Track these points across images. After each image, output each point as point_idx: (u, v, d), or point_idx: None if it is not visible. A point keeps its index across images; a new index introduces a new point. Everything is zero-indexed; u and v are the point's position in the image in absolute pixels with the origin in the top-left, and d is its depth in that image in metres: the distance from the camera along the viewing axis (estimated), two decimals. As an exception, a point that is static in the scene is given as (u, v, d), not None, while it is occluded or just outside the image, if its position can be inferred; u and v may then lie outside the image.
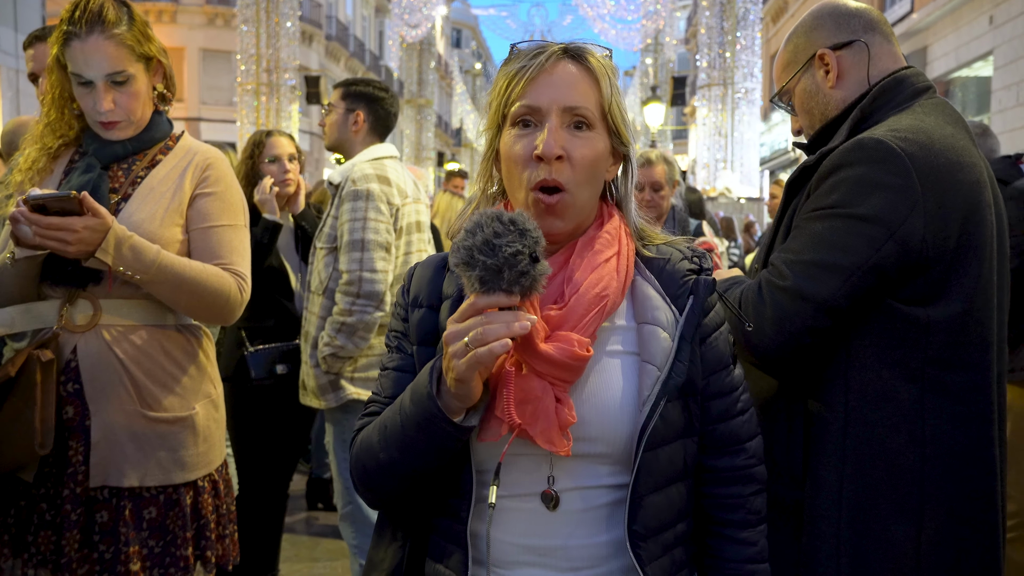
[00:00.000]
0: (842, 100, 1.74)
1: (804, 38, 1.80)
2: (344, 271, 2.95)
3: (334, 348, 2.94)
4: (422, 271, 1.33)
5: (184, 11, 24.77)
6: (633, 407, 1.18)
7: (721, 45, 14.10)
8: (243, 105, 14.89)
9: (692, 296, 1.24)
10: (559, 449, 1.11)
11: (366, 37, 34.24)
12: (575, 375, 1.14)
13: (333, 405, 3.05)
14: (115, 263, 1.83)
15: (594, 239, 1.24)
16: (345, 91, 3.23)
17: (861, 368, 1.55)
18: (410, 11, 23.72)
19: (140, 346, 1.94)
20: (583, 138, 1.21)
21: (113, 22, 1.92)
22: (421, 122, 28.51)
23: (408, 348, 1.30)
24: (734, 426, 1.30)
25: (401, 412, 1.17)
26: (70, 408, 1.90)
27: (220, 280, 1.99)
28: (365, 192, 2.98)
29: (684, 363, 1.20)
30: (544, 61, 1.21)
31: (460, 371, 1.05)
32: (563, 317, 1.16)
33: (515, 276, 1.03)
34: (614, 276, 1.21)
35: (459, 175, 8.06)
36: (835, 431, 1.56)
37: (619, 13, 21.72)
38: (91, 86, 1.93)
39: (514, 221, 1.04)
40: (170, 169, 2.03)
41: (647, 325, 1.22)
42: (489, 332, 1.03)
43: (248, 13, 14.66)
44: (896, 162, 1.50)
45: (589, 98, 1.22)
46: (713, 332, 1.29)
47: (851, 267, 1.51)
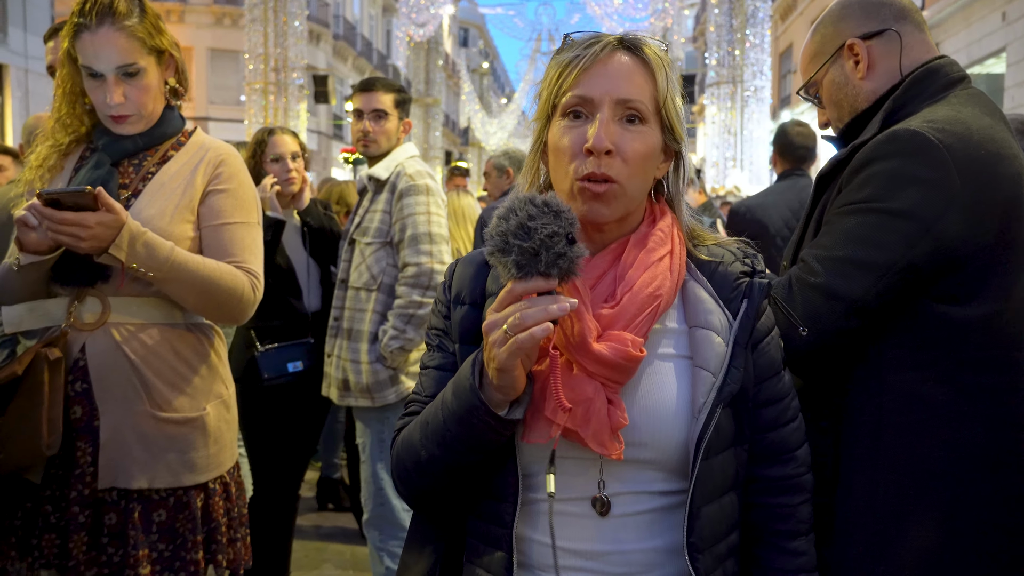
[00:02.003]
0: (873, 91, 1.68)
1: (832, 28, 1.74)
2: (411, 264, 2.96)
3: (403, 340, 2.95)
4: (463, 268, 1.30)
5: (192, 10, 24.80)
6: (687, 414, 1.14)
7: (730, 43, 14.03)
8: (251, 104, 14.88)
9: (746, 300, 1.20)
10: (611, 452, 1.08)
11: (373, 36, 34.25)
12: (627, 376, 1.11)
13: (392, 401, 3.03)
14: (128, 259, 1.79)
15: (647, 236, 1.20)
16: (398, 98, 3.27)
17: (893, 369, 1.50)
18: (417, 10, 23.71)
19: (150, 345, 1.90)
20: (635, 132, 1.16)
21: (124, 14, 1.88)
22: (429, 121, 28.48)
23: (449, 346, 1.27)
24: (784, 434, 1.26)
25: (443, 407, 1.13)
26: (78, 408, 1.87)
27: (233, 278, 1.95)
28: (425, 187, 3.03)
29: (739, 370, 1.16)
30: (599, 51, 1.17)
31: (501, 360, 1.02)
32: (615, 316, 1.12)
33: (552, 258, 1.00)
34: (667, 275, 1.17)
35: (460, 173, 7.97)
36: (867, 435, 1.51)
37: (627, 11, 21.67)
38: (101, 79, 1.89)
39: (547, 203, 1.02)
40: (182, 165, 1.99)
41: (700, 329, 1.18)
42: (528, 316, 1.00)
43: (256, 12, 14.65)
44: (933, 154, 1.45)
45: (644, 91, 1.17)
46: (765, 337, 1.24)
47: (884, 265, 1.46)
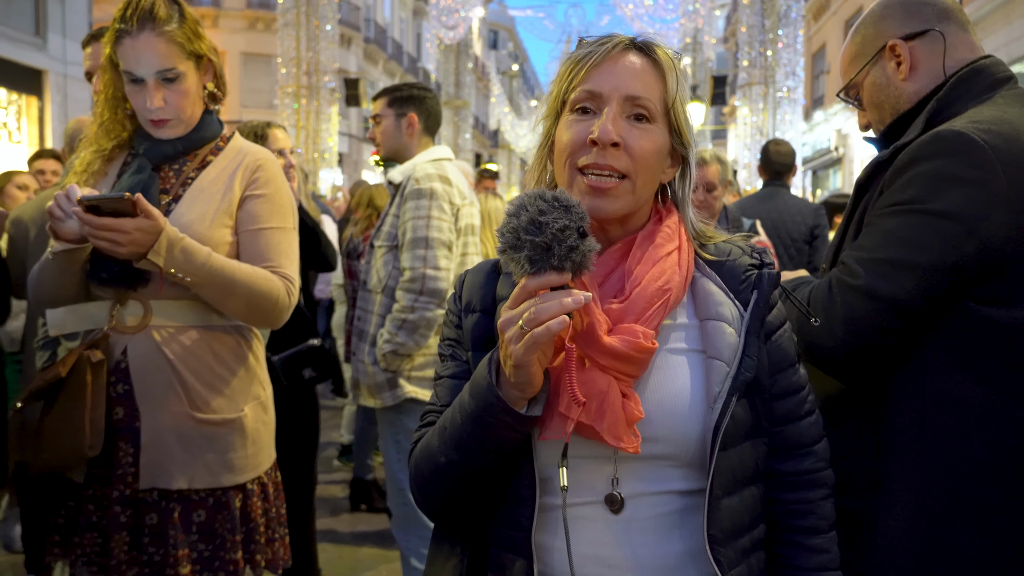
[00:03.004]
0: (915, 93, 1.66)
1: (873, 29, 1.72)
2: (407, 268, 2.95)
3: (395, 345, 2.95)
4: (473, 277, 1.30)
5: (225, 16, 25.14)
6: (702, 406, 1.14)
7: (762, 43, 13.88)
8: (283, 108, 15.03)
9: (756, 290, 1.20)
10: (627, 446, 1.07)
11: (404, 39, 34.44)
12: (640, 369, 1.10)
13: (390, 403, 3.04)
14: (166, 265, 1.81)
15: (654, 233, 1.20)
16: (391, 98, 3.23)
17: (935, 372, 1.48)
18: (447, 13, 23.80)
19: (189, 347, 1.92)
20: (642, 129, 1.17)
21: (164, 19, 1.90)
22: (458, 124, 28.56)
23: (462, 355, 1.27)
24: (801, 428, 1.25)
25: (461, 410, 1.13)
26: (120, 409, 1.89)
27: (269, 283, 1.96)
28: (428, 191, 2.98)
29: (752, 358, 1.15)
30: (610, 49, 1.18)
31: (518, 356, 1.02)
32: (625, 310, 1.12)
33: (565, 252, 1.00)
34: (676, 270, 1.17)
35: (490, 176, 7.98)
36: (909, 439, 1.49)
37: (657, 12, 21.53)
38: (142, 84, 1.92)
39: (557, 198, 1.02)
40: (220, 170, 2.02)
41: (711, 321, 1.17)
42: (543, 310, 1.00)
43: (288, 17, 14.80)
44: (978, 155, 1.42)
45: (653, 90, 1.18)
46: (777, 329, 1.24)
47: (927, 266, 1.43)
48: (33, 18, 14.09)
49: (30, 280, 1.96)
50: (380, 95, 3.30)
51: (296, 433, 3.43)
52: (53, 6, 14.34)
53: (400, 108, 3.20)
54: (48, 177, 4.99)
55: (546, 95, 1.28)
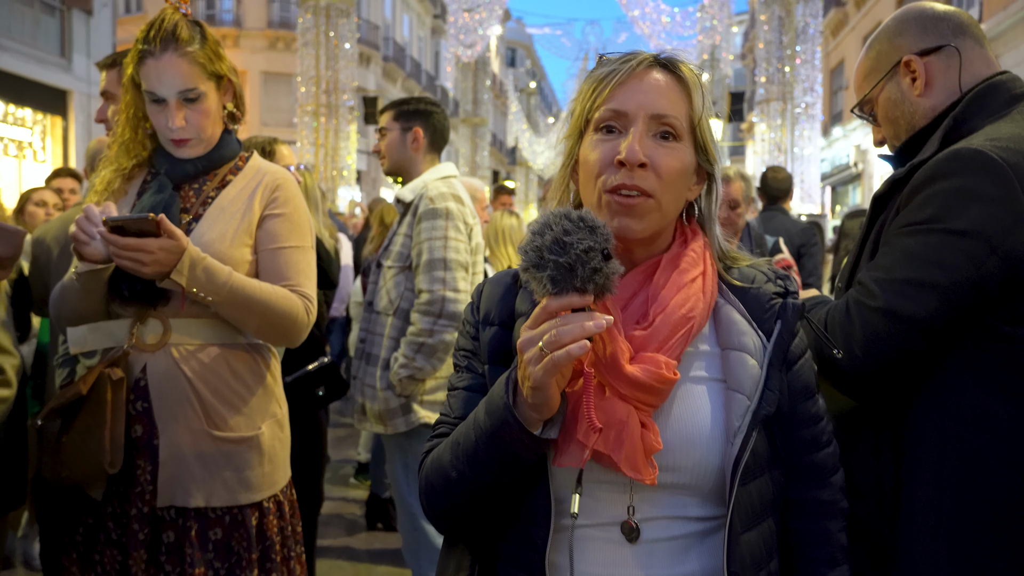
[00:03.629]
0: (931, 109, 1.64)
1: (888, 44, 1.71)
2: (425, 290, 2.87)
3: (412, 369, 2.87)
4: (491, 288, 1.29)
5: (246, 35, 25.44)
6: (722, 437, 1.12)
7: (780, 59, 13.87)
8: (302, 126, 15.18)
9: (780, 321, 1.18)
10: (644, 477, 1.06)
11: (422, 57, 34.71)
12: (660, 399, 1.09)
13: (402, 430, 2.97)
14: (189, 284, 1.83)
15: (679, 257, 1.18)
16: (397, 112, 3.18)
17: (956, 390, 1.46)
18: (465, 31, 23.98)
19: (208, 365, 1.94)
20: (669, 148, 1.15)
21: (186, 40, 1.93)
22: (476, 141, 28.70)
23: (478, 367, 1.25)
24: (820, 458, 1.23)
25: (475, 427, 1.12)
26: (138, 426, 1.91)
27: (289, 302, 1.98)
28: (444, 211, 2.91)
29: (774, 391, 1.14)
30: (635, 66, 1.17)
31: (537, 378, 1.00)
32: (648, 338, 1.10)
33: (588, 273, 0.99)
34: (700, 297, 1.15)
35: (506, 192, 7.99)
36: (931, 459, 1.47)
37: (675, 30, 21.61)
38: (163, 104, 1.95)
39: (583, 218, 1.01)
40: (240, 190, 2.04)
41: (733, 351, 1.16)
42: (564, 333, 0.98)
43: (308, 36, 14.98)
44: (997, 172, 1.41)
45: (679, 108, 1.16)
46: (799, 358, 1.22)
47: (948, 284, 1.42)
48: (59, 39, 14.36)
49: (52, 299, 1.99)
50: (387, 108, 3.25)
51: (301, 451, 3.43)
52: (78, 27, 14.60)
53: (406, 122, 3.16)
54: (66, 196, 5.05)
55: (565, 113, 1.27)
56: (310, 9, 14.83)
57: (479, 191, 4.74)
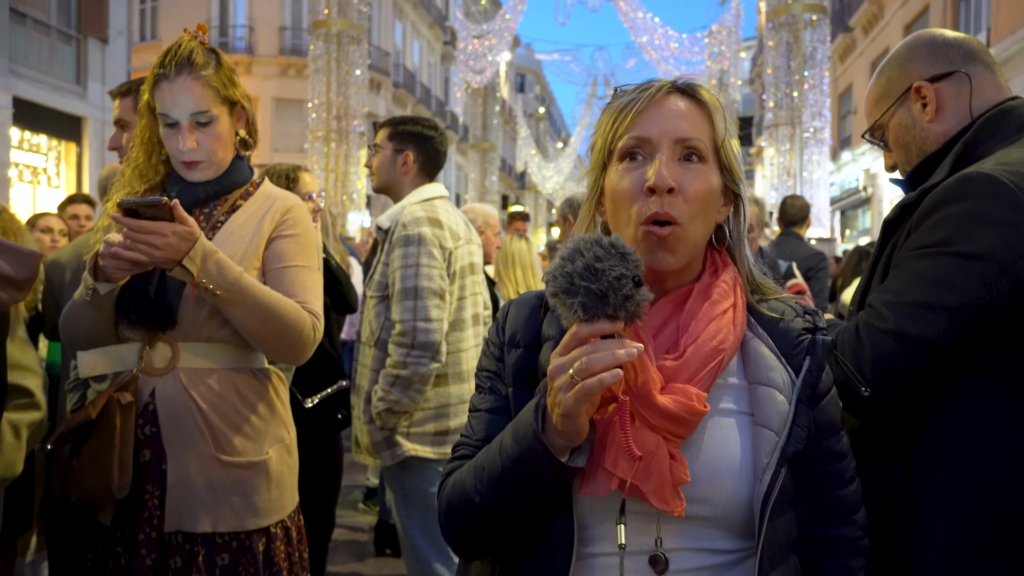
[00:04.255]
0: (942, 134, 1.65)
1: (898, 70, 1.71)
2: (397, 321, 2.79)
3: (389, 402, 2.80)
4: (517, 310, 1.28)
5: (259, 62, 25.73)
6: (750, 472, 1.11)
7: (788, 84, 13.90)
8: (313, 151, 15.28)
9: (809, 357, 1.17)
10: (672, 509, 1.05)
11: (432, 83, 35.01)
12: (689, 431, 1.08)
13: (390, 463, 2.91)
14: (199, 275, 1.82)
15: (711, 287, 1.18)
16: (392, 131, 3.09)
17: (969, 414, 1.45)
18: (475, 58, 24.19)
19: (216, 389, 1.94)
20: (695, 171, 1.15)
21: (201, 65, 1.96)
22: (485, 166, 28.86)
23: (502, 389, 1.24)
24: (844, 495, 1.22)
25: (501, 452, 1.11)
26: (147, 451, 1.91)
27: (297, 313, 1.97)
28: (416, 237, 2.82)
29: (803, 428, 1.13)
30: (654, 93, 1.18)
31: (567, 405, 0.99)
32: (679, 369, 1.10)
33: (620, 300, 0.99)
34: (731, 329, 1.14)
35: (521, 218, 8.01)
36: (942, 482, 1.46)
37: (683, 55, 21.73)
38: (176, 127, 1.97)
39: (614, 245, 1.01)
40: (250, 215, 2.05)
41: (762, 386, 1.15)
42: (596, 361, 0.97)
43: (319, 63, 15.11)
44: (1008, 197, 1.41)
45: (702, 130, 1.17)
46: (826, 395, 1.21)
47: (959, 307, 1.41)
48: (74, 67, 14.56)
49: (63, 319, 1.99)
50: (384, 124, 3.17)
51: (318, 476, 3.41)
52: (94, 55, 14.80)
53: (399, 143, 3.07)
54: (82, 222, 5.08)
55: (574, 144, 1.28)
56: (322, 36, 14.98)
57: (491, 217, 4.75)
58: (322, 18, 14.98)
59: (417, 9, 31.89)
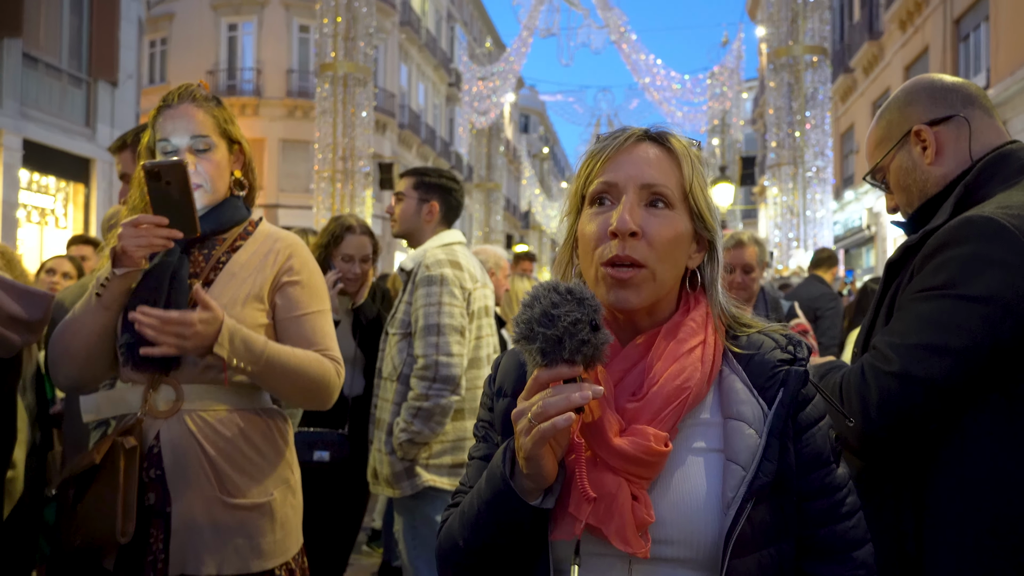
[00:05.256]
0: (942, 177, 1.67)
1: (898, 114, 1.74)
2: (420, 356, 2.94)
3: (411, 433, 2.92)
4: (507, 361, 1.31)
5: (266, 104, 26.05)
6: (717, 509, 1.10)
7: (790, 124, 14.00)
8: (319, 192, 15.40)
9: (782, 388, 1.15)
10: (636, 550, 1.05)
11: (437, 124, 35.38)
12: (653, 471, 1.08)
13: (408, 493, 3.00)
14: (230, 356, 1.85)
15: (678, 326, 1.18)
16: (419, 181, 3.27)
17: (977, 455, 1.45)
18: (479, 99, 24.48)
19: (220, 431, 1.93)
20: (661, 216, 1.17)
21: (202, 98, 2.03)
22: (490, 205, 29.03)
23: (494, 438, 1.27)
24: (839, 531, 1.18)
25: (478, 496, 1.14)
26: (152, 494, 1.90)
27: (321, 366, 2.00)
28: (439, 277, 3.00)
29: (773, 462, 1.11)
30: (623, 141, 1.21)
31: (527, 448, 1.02)
32: (640, 410, 1.11)
33: (576, 345, 1.01)
34: (698, 367, 1.14)
35: (527, 258, 8.04)
36: (952, 522, 1.45)
37: (685, 96, 21.95)
38: (175, 154, 1.99)
39: (571, 291, 1.03)
40: (251, 255, 2.06)
41: (732, 420, 1.14)
42: (550, 405, 1.00)
43: (326, 105, 15.31)
44: (1009, 240, 1.42)
45: (669, 177, 1.19)
46: (811, 427, 1.18)
47: (964, 349, 1.42)
48: (84, 109, 14.75)
49: (56, 334, 1.96)
50: (409, 174, 3.34)
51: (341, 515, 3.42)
52: (103, 98, 15.01)
53: (424, 193, 3.25)
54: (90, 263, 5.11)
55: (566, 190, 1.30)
56: (328, 79, 15.19)
57: (502, 259, 4.83)
58: (329, 61, 15.21)
59: (422, 52, 32.37)
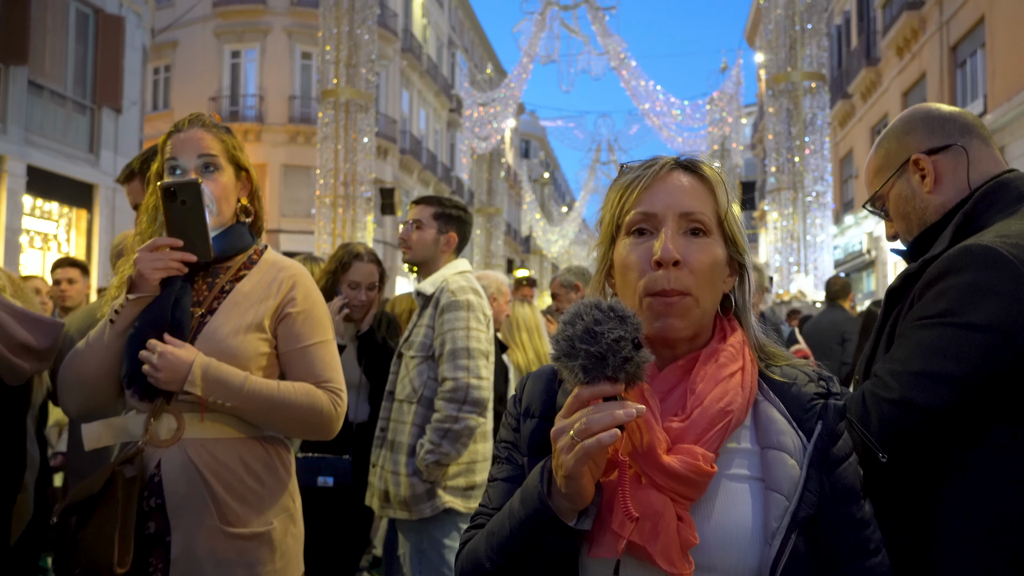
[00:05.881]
0: (941, 205, 1.68)
1: (896, 143, 1.76)
2: (449, 378, 2.98)
3: (438, 455, 2.95)
4: (533, 382, 1.31)
5: (268, 130, 26.21)
6: (760, 538, 1.10)
7: (789, 150, 14.07)
8: (320, 216, 15.44)
9: (821, 421, 1.17)
10: (680, 571, 1.04)
11: (438, 150, 35.56)
12: (698, 492, 1.08)
13: (428, 515, 3.02)
14: (205, 393, 1.87)
15: (718, 351, 1.19)
16: (439, 211, 3.35)
17: (980, 485, 1.44)
18: (480, 125, 24.59)
19: (221, 460, 1.93)
20: (700, 244, 1.18)
21: (212, 124, 2.06)
22: (491, 230, 29.07)
23: (518, 459, 1.26)
24: (868, 566, 1.17)
25: (510, 516, 1.12)
26: (152, 523, 1.89)
27: (311, 398, 2.00)
28: (466, 303, 3.08)
29: (814, 493, 1.12)
30: (659, 170, 1.22)
31: (569, 467, 1.01)
32: (685, 430, 1.10)
33: (619, 362, 1.01)
34: (739, 392, 1.15)
35: (527, 283, 8.03)
36: (956, 553, 1.44)
37: (685, 121, 22.02)
38: (185, 174, 2.01)
39: (613, 308, 1.03)
40: (255, 284, 2.06)
41: (772, 450, 1.14)
42: (594, 421, 0.99)
43: (327, 131, 15.39)
44: (1008, 268, 1.43)
45: (705, 205, 1.21)
46: (843, 462, 1.19)
47: (964, 377, 1.42)
48: (88, 136, 14.84)
49: (66, 364, 1.98)
50: (427, 203, 3.40)
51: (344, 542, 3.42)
52: (107, 124, 15.11)
53: (445, 224, 3.34)
54: (63, 287, 4.99)
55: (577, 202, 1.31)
56: (330, 105, 15.29)
57: (503, 285, 4.84)
58: (331, 87, 15.31)
59: (424, 78, 32.62)
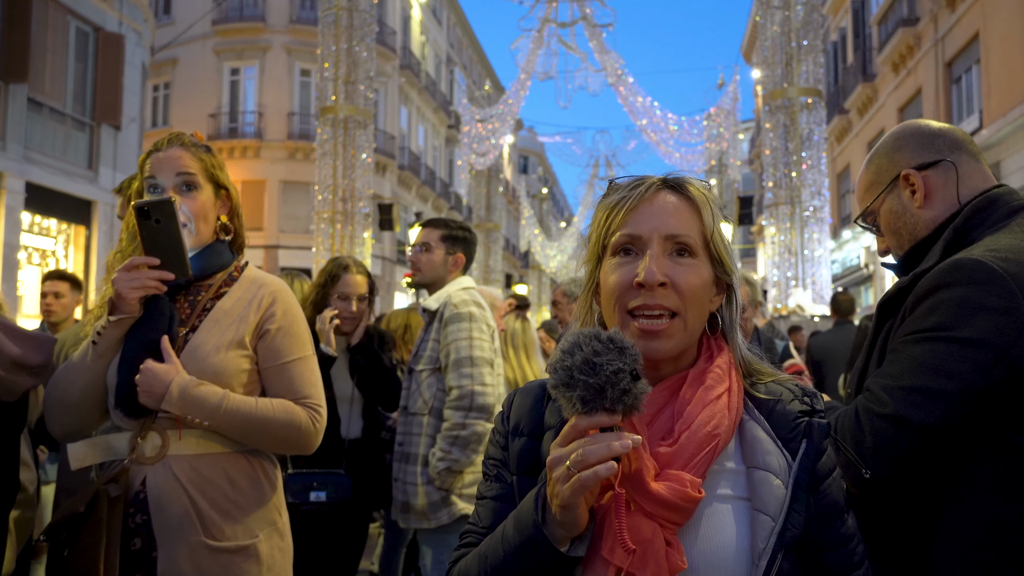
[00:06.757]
0: (932, 220, 1.68)
1: (887, 159, 1.76)
2: (454, 387, 3.07)
3: (449, 462, 3.03)
4: (521, 399, 1.30)
5: (267, 147, 26.28)
6: (747, 559, 1.10)
7: (786, 165, 14.11)
8: (319, 232, 15.46)
9: (806, 440, 1.16)
10: None
11: (437, 166, 35.66)
12: (685, 517, 1.07)
13: (445, 522, 3.09)
14: (182, 413, 1.88)
15: (705, 373, 1.18)
16: (446, 234, 3.42)
17: (975, 503, 1.43)
18: (479, 141, 24.67)
19: (206, 475, 1.92)
20: (686, 265, 1.18)
21: (191, 143, 2.06)
22: (489, 245, 29.14)
23: (507, 477, 1.25)
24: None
25: (504, 542, 1.11)
26: (138, 540, 1.88)
27: (288, 416, 2.00)
28: (468, 314, 3.20)
29: (800, 513, 1.11)
30: (644, 191, 1.21)
31: (565, 497, 1.00)
32: (673, 455, 1.10)
33: (618, 394, 1.00)
34: (725, 414, 1.14)
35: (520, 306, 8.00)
36: (955, 570, 1.43)
37: (682, 137, 22.10)
38: (162, 192, 2.00)
39: (612, 339, 1.03)
40: (235, 300, 2.06)
41: (758, 470, 1.14)
42: (591, 453, 0.99)
43: (326, 147, 15.43)
44: (999, 283, 1.42)
45: (691, 226, 1.20)
46: (826, 478, 1.19)
47: (957, 393, 1.41)
48: (87, 153, 14.87)
49: (52, 383, 1.97)
50: (435, 226, 3.46)
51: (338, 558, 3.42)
52: (106, 141, 15.14)
53: (452, 246, 3.43)
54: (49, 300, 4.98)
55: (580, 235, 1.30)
56: (329, 122, 15.34)
57: (497, 299, 4.87)
58: (330, 104, 15.37)
59: (422, 95, 32.76)
